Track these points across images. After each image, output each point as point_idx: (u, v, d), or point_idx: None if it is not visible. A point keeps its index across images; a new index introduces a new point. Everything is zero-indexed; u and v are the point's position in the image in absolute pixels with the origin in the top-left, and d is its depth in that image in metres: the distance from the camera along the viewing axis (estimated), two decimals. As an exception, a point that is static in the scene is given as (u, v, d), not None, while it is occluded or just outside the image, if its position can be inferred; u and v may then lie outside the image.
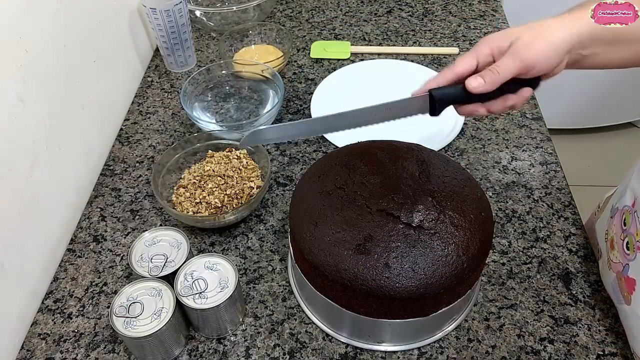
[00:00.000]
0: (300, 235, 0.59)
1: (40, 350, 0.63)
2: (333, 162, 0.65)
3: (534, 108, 0.90)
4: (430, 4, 1.16)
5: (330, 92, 0.94)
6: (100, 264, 0.72)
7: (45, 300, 0.68)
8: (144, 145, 0.88)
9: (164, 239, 0.65)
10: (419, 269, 0.54)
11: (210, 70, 0.92)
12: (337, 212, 0.58)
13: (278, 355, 0.61)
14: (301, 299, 0.66)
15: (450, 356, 0.61)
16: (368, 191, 0.60)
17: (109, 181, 0.82)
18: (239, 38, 1.03)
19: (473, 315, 0.64)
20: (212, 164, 0.76)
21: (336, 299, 0.58)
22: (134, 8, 0.98)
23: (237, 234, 0.74)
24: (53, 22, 0.72)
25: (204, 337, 0.63)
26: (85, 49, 0.81)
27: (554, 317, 0.63)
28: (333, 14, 1.14)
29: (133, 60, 0.99)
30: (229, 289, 0.59)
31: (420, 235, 0.55)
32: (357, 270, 0.54)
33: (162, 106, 0.95)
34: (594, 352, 0.60)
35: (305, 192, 0.63)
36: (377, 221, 0.57)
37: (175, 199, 0.74)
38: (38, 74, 0.69)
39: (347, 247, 0.55)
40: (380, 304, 0.56)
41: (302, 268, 0.61)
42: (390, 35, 1.08)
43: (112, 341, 0.63)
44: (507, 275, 0.68)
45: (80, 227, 0.76)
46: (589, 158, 1.90)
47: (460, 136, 0.85)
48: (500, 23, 1.10)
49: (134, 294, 0.59)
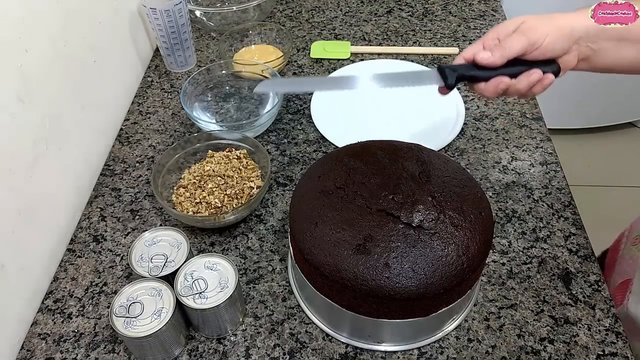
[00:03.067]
0: (300, 235, 0.59)
1: (40, 350, 0.63)
2: (333, 162, 0.65)
3: (534, 108, 0.90)
4: (430, 4, 1.16)
5: (330, 92, 0.94)
6: (100, 264, 0.72)
7: (45, 300, 0.68)
8: (144, 145, 0.88)
9: (164, 239, 0.65)
10: (419, 269, 0.54)
11: (210, 70, 0.92)
12: (337, 212, 0.58)
13: (278, 355, 0.61)
14: (301, 299, 0.66)
15: (450, 356, 0.61)
16: (368, 191, 0.60)
17: (109, 181, 0.82)
18: (239, 38, 1.03)
19: (473, 315, 0.64)
20: (212, 164, 0.76)
21: (336, 299, 0.58)
22: (134, 8, 0.98)
23: (237, 234, 0.74)
24: (53, 22, 0.72)
25: (204, 337, 0.63)
26: (85, 49, 0.81)
27: (554, 317, 0.63)
28: (333, 14, 1.14)
29: (133, 60, 0.99)
30: (229, 289, 0.59)
31: (420, 235, 0.55)
32: (357, 270, 0.54)
33: (162, 106, 0.95)
34: (594, 352, 0.60)
35: (305, 192, 0.63)
36: (377, 221, 0.57)
37: (175, 199, 0.74)
38: (38, 74, 0.69)
39: (347, 247, 0.55)
40: (380, 304, 0.56)
41: (302, 268, 0.61)
42: (390, 35, 1.08)
43: (112, 341, 0.63)
44: (507, 275, 0.68)
45: (80, 227, 0.76)
46: (589, 158, 1.90)
47: (460, 136, 0.85)
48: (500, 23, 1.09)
49: (134, 294, 0.59)
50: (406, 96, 0.94)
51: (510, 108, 0.90)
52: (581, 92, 1.77)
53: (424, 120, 0.89)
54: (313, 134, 0.88)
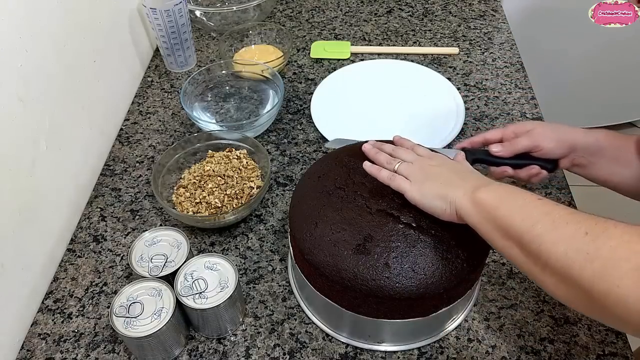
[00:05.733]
0: (300, 235, 0.59)
1: (40, 350, 0.63)
2: (333, 163, 0.65)
3: (534, 108, 0.90)
4: (430, 4, 1.16)
5: (330, 92, 0.94)
6: (100, 264, 0.72)
7: (45, 300, 0.68)
8: (144, 145, 0.88)
9: (164, 239, 0.65)
10: (419, 269, 0.54)
11: (210, 70, 0.92)
12: (337, 212, 0.58)
13: (278, 355, 0.61)
14: (301, 299, 0.66)
15: (450, 356, 0.61)
16: (368, 191, 0.60)
17: (109, 181, 0.82)
18: (239, 38, 1.03)
19: (473, 315, 0.64)
20: (212, 164, 0.76)
21: (336, 299, 0.58)
22: (134, 8, 0.98)
23: (237, 234, 0.74)
24: (53, 22, 0.72)
25: (204, 337, 0.63)
26: (85, 49, 0.81)
27: (554, 317, 0.63)
28: (333, 14, 1.14)
29: (133, 60, 0.99)
30: (229, 289, 0.59)
31: (420, 235, 0.55)
32: (357, 270, 0.54)
33: (162, 106, 0.95)
34: (594, 352, 0.60)
35: (305, 192, 0.63)
36: (377, 221, 0.57)
37: (175, 199, 0.74)
38: (38, 74, 0.69)
39: (347, 247, 0.55)
40: (381, 304, 0.56)
41: (302, 268, 0.61)
42: (390, 35, 1.07)
43: (112, 341, 0.63)
44: (507, 275, 0.68)
45: (80, 227, 0.76)
46: (589, 158, 1.90)
47: (460, 136, 0.85)
48: (500, 23, 1.10)
49: (134, 294, 0.59)
50: (406, 96, 0.94)
51: (510, 108, 0.90)
52: (581, 92, 1.77)
53: (424, 120, 0.89)
54: (313, 134, 0.88)
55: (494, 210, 0.49)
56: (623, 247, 0.39)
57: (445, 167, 0.58)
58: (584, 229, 0.42)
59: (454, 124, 0.86)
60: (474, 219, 0.50)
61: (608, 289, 0.38)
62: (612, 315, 0.39)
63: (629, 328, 0.40)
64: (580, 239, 0.41)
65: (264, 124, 0.86)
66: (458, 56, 1.02)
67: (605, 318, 0.42)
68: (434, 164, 0.59)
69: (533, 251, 0.45)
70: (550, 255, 0.43)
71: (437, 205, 0.54)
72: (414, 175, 0.57)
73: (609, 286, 0.38)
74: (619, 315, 0.39)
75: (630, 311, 0.37)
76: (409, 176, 0.57)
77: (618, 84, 1.75)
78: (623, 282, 0.38)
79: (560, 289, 0.44)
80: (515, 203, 0.48)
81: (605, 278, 0.39)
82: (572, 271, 0.41)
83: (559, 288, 0.44)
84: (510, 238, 0.47)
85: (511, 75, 0.97)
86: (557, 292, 0.44)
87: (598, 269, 0.39)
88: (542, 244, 0.44)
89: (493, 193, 0.50)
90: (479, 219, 0.50)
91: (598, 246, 0.40)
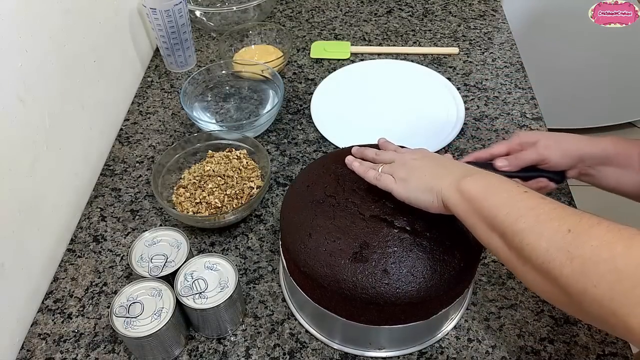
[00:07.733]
0: (294, 247, 0.58)
1: (40, 350, 0.63)
2: (320, 171, 0.64)
3: (534, 108, 0.90)
4: (430, 4, 1.16)
5: (330, 92, 0.94)
6: (100, 264, 0.72)
7: (45, 300, 0.68)
8: (144, 145, 0.88)
9: (164, 239, 0.65)
10: (418, 273, 0.53)
11: (210, 70, 0.92)
12: (330, 221, 0.57)
13: (278, 355, 0.61)
14: (296, 311, 0.64)
15: (450, 356, 0.61)
16: (359, 197, 0.59)
17: (109, 181, 0.82)
18: (239, 38, 1.03)
19: (473, 315, 0.64)
20: (212, 164, 0.76)
21: (336, 311, 0.57)
22: (134, 8, 0.98)
23: (237, 234, 0.74)
24: (53, 22, 0.72)
25: (204, 337, 0.63)
26: (85, 49, 0.81)
27: (554, 317, 0.63)
28: (333, 14, 1.14)
29: (133, 60, 0.99)
30: (229, 289, 0.59)
31: (416, 238, 0.55)
32: (356, 279, 0.53)
33: (162, 106, 0.95)
34: (594, 352, 0.60)
35: (294, 203, 0.62)
36: (371, 227, 0.56)
37: (175, 199, 0.74)
38: (38, 74, 0.69)
39: (344, 256, 0.54)
40: (381, 311, 0.55)
41: (297, 280, 0.60)
42: (390, 35, 1.08)
43: (112, 341, 0.63)
44: (507, 275, 0.68)
45: (80, 227, 0.76)
46: (589, 158, 1.90)
47: (460, 136, 0.85)
48: (500, 23, 1.10)
49: (134, 294, 0.59)
50: (406, 96, 0.94)
51: (510, 108, 0.90)
52: (581, 92, 1.77)
53: (424, 120, 0.89)
54: (313, 134, 0.88)
55: (479, 202, 0.48)
56: (604, 247, 0.39)
57: (428, 159, 0.58)
58: (567, 226, 0.41)
59: (454, 124, 0.86)
60: (460, 208, 0.50)
61: (585, 289, 0.38)
62: (589, 314, 0.40)
63: (607, 327, 0.40)
64: (562, 237, 0.41)
65: (264, 124, 0.86)
66: (458, 56, 1.02)
67: (584, 316, 0.42)
68: (416, 158, 0.59)
69: (516, 245, 0.44)
70: (532, 251, 0.43)
71: (425, 199, 0.54)
72: (398, 172, 0.57)
73: (586, 286, 0.38)
74: (596, 315, 0.39)
75: (606, 311, 0.37)
76: (394, 174, 0.57)
77: (618, 84, 1.75)
78: (600, 283, 0.38)
79: (540, 285, 0.44)
80: (500, 195, 0.48)
81: (584, 277, 0.39)
82: (552, 268, 0.41)
83: (540, 284, 0.44)
84: (495, 230, 0.47)
85: (511, 75, 0.97)
86: (537, 287, 0.44)
87: (577, 268, 0.39)
88: (525, 238, 0.43)
89: (478, 183, 0.50)
90: (465, 209, 0.50)
91: (579, 245, 0.40)
